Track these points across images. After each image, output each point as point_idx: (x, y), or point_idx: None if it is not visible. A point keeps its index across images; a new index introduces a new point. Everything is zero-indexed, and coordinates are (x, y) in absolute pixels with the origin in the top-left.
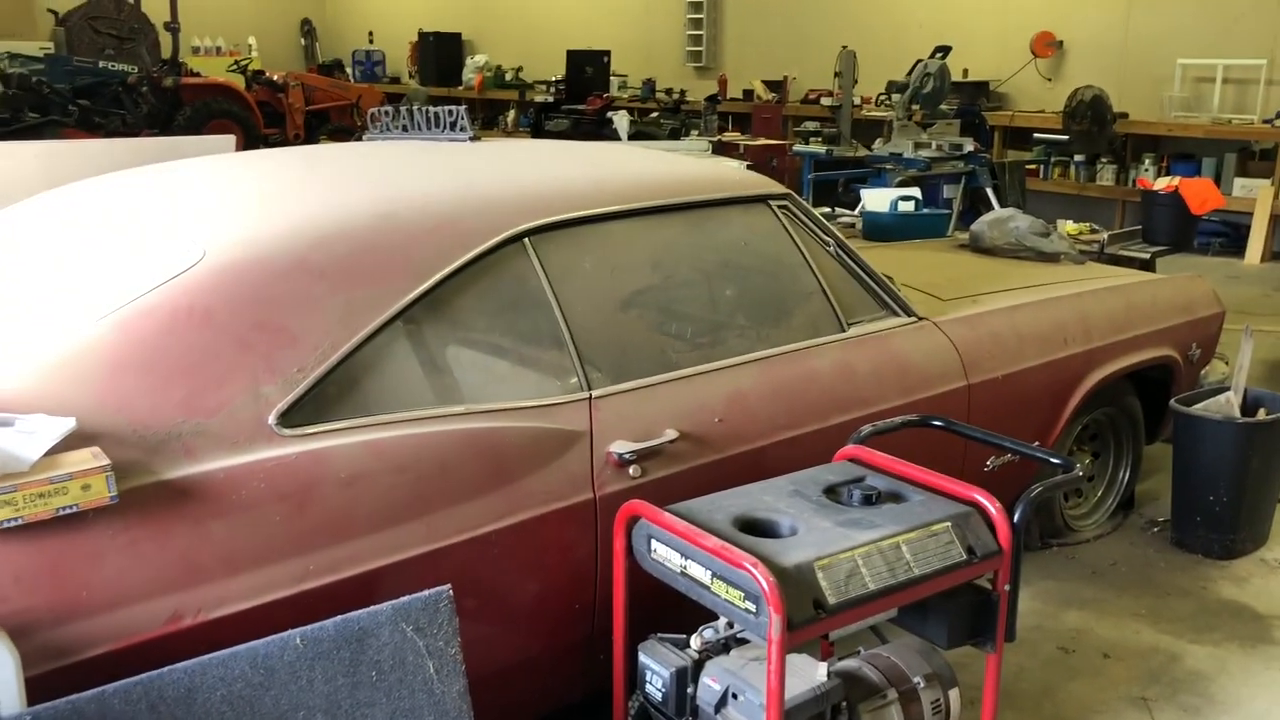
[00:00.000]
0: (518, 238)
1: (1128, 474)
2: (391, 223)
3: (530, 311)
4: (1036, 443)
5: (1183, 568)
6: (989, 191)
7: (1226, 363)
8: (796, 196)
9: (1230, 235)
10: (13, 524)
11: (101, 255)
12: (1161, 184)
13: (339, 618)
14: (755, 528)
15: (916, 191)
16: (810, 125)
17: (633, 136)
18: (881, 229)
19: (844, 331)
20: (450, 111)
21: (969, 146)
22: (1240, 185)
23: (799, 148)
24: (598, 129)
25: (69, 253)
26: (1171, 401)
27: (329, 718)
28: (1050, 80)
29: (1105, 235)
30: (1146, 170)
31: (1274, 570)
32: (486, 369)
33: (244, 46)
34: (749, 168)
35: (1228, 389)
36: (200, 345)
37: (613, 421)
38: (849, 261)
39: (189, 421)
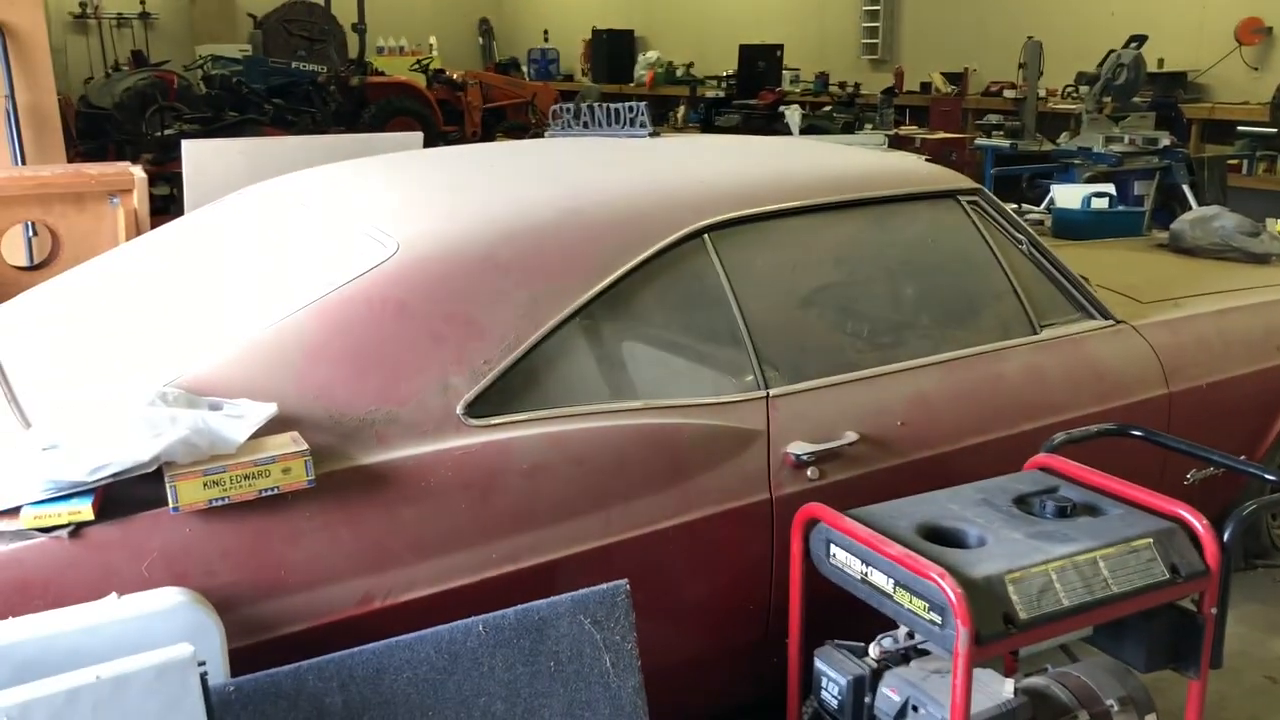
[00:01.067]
0: (698, 233)
1: None
2: (575, 218)
3: (709, 308)
4: (1243, 456)
5: None
6: (1185, 189)
7: None
8: (987, 192)
9: None
10: (220, 503)
11: (302, 247)
12: None
13: (520, 607)
14: (941, 536)
15: (1110, 188)
16: (992, 119)
17: (804, 131)
18: (1072, 226)
19: (1036, 334)
20: (630, 108)
21: (1164, 141)
22: None
23: (981, 141)
24: (768, 124)
25: (273, 244)
26: None
27: (508, 705)
28: (1257, 70)
29: None
30: None
31: None
32: (664, 365)
33: (425, 46)
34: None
35: None
36: (394, 336)
37: (790, 422)
38: (1042, 260)
39: (382, 409)
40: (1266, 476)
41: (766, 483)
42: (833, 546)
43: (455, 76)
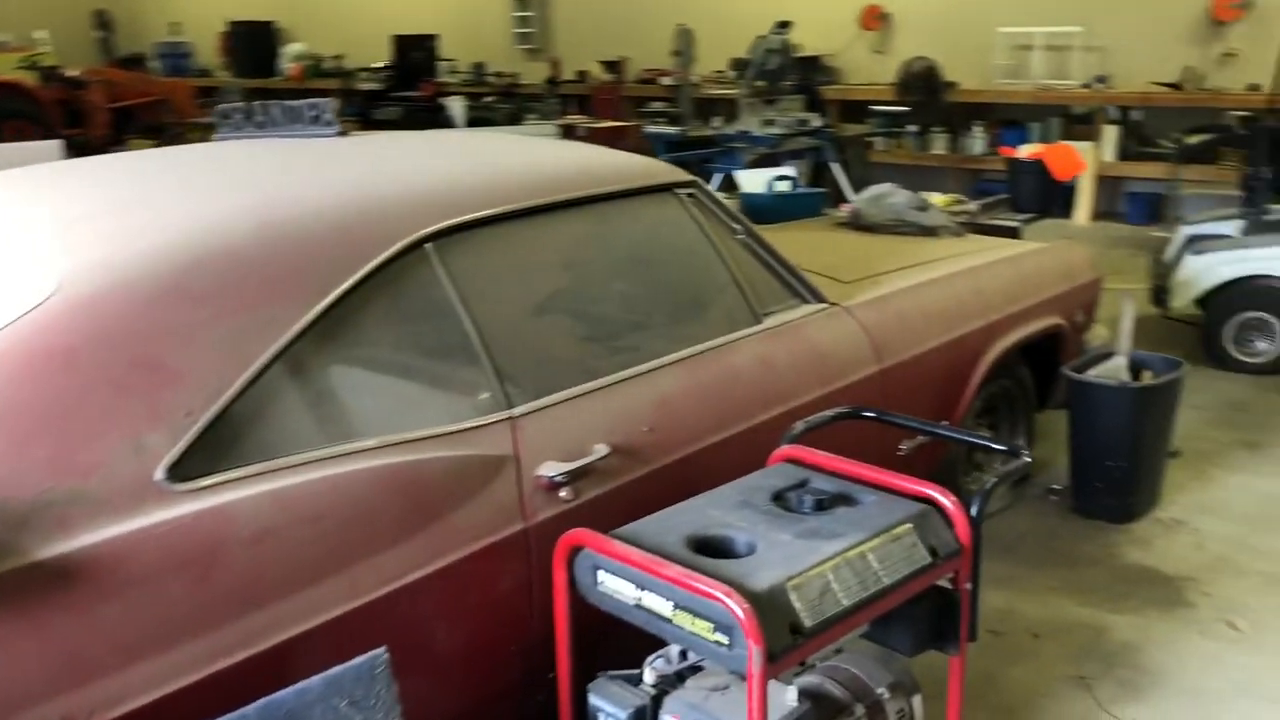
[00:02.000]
0: (419, 244)
1: (1024, 444)
2: (277, 235)
3: (440, 326)
4: (945, 421)
5: (1087, 535)
6: (836, 166)
7: (1106, 327)
8: (702, 184)
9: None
10: None
11: None
12: (1026, 152)
13: (261, 702)
14: (711, 547)
15: (791, 171)
16: (656, 106)
17: (470, 123)
18: (759, 210)
19: (759, 323)
20: (313, 105)
21: (816, 122)
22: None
23: (652, 129)
24: (432, 116)
25: None
26: (1065, 369)
27: None
28: (880, 53)
29: (975, 205)
30: (977, 137)
31: (1171, 529)
32: (398, 395)
33: (32, 41)
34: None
35: (1116, 354)
36: (63, 393)
37: (539, 441)
38: (758, 249)
39: (60, 487)
40: (998, 448)
41: (520, 511)
42: (601, 573)
43: (74, 74)
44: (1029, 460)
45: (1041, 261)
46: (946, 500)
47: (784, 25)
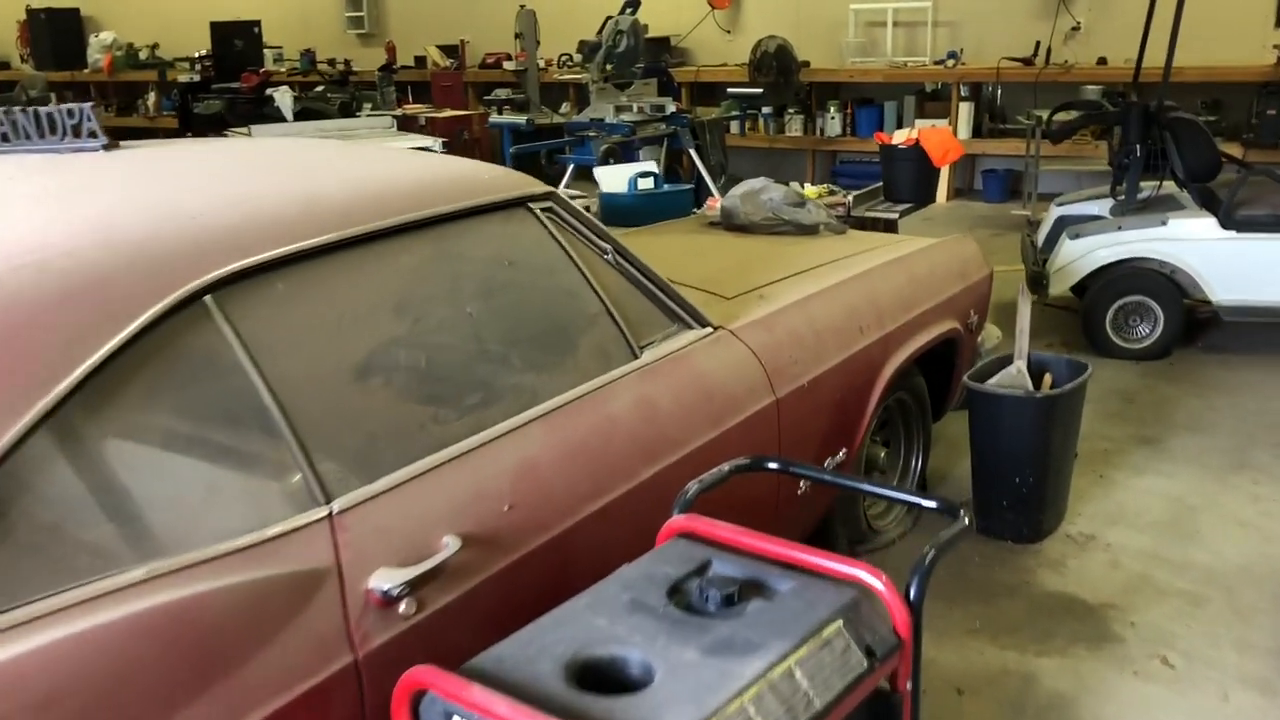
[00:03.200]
0: (195, 297)
1: (920, 460)
2: (7, 293)
3: (228, 401)
4: (843, 452)
5: (998, 559)
6: (692, 153)
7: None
8: (561, 194)
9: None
10: None
11: None
12: (901, 137)
13: None
14: (598, 674)
15: (653, 165)
16: (500, 93)
17: (299, 115)
18: (623, 213)
19: (637, 358)
20: (71, 111)
21: (671, 107)
22: (920, 127)
23: (495, 119)
24: (257, 109)
25: None
26: (965, 379)
27: None
28: (729, 33)
29: (850, 197)
30: (833, 117)
31: (1084, 547)
32: (172, 500)
33: None
34: (445, 146)
35: (1013, 359)
36: None
37: (368, 543)
38: (629, 268)
39: None
40: (929, 505)
41: (346, 640)
42: None
43: None
44: (966, 524)
45: (933, 260)
46: (878, 581)
47: (633, 4)
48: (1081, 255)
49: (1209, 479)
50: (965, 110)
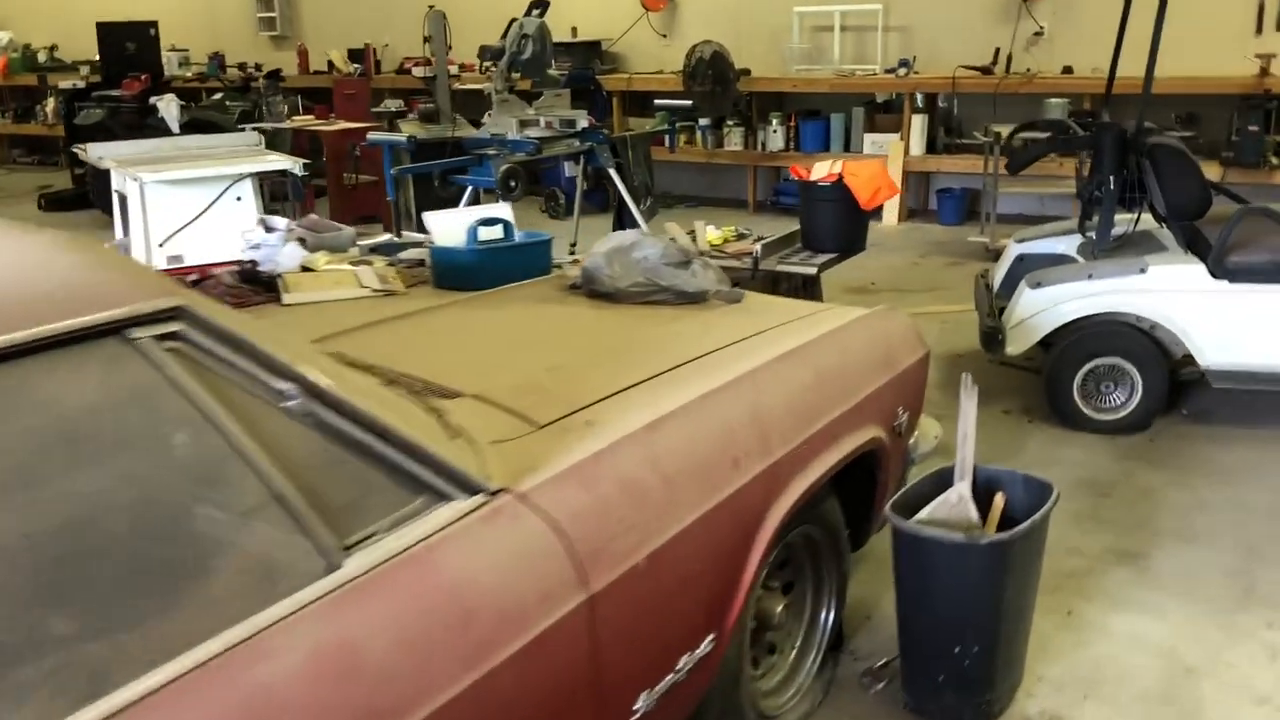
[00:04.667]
0: None
1: (833, 607)
2: None
3: None
4: (709, 640)
5: None
6: (611, 172)
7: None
8: (201, 309)
9: None
10: None
11: None
12: (820, 173)
13: None
14: None
15: (504, 210)
16: (392, 104)
17: (187, 126)
18: (457, 273)
19: (337, 568)
20: None
21: (583, 122)
22: (870, 141)
23: (375, 136)
24: (140, 118)
25: None
26: (887, 511)
27: None
28: (665, 36)
29: (759, 246)
30: (775, 130)
31: None
32: None
33: None
34: (308, 167)
35: (953, 476)
36: None
37: None
38: (334, 419)
39: None
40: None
41: None
42: None
43: None
44: None
45: (851, 344)
46: None
47: (540, 6)
48: (1044, 309)
49: (1209, 620)
50: (919, 123)
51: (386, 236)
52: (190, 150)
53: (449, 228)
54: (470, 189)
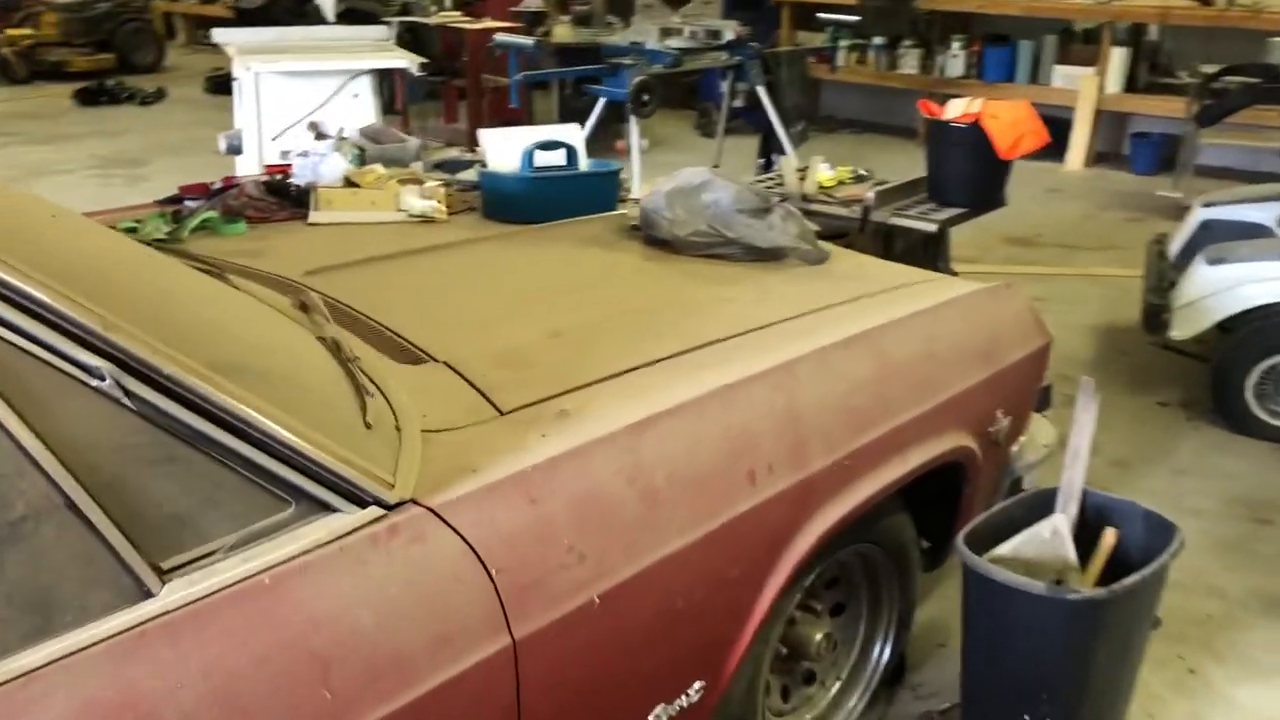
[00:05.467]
0: None
1: (891, 636)
2: None
3: None
4: (698, 688)
5: None
6: (761, 91)
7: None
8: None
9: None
10: None
11: None
12: (955, 111)
13: None
14: None
15: (572, 133)
16: (535, 3)
17: (344, 16)
18: (504, 202)
19: (149, 596)
20: None
21: (730, 33)
22: (1061, 74)
23: (500, 38)
24: (300, 4)
25: None
26: (958, 543)
27: None
28: None
29: (872, 193)
30: (955, 55)
31: None
32: None
33: None
34: (425, 62)
35: (1055, 502)
36: None
37: None
38: (194, 398)
39: None
40: None
41: None
42: None
43: None
44: None
45: (941, 329)
46: None
47: None
48: (1222, 289)
49: None
50: (1119, 57)
51: (455, 152)
52: (313, 42)
53: (506, 149)
54: (602, 101)
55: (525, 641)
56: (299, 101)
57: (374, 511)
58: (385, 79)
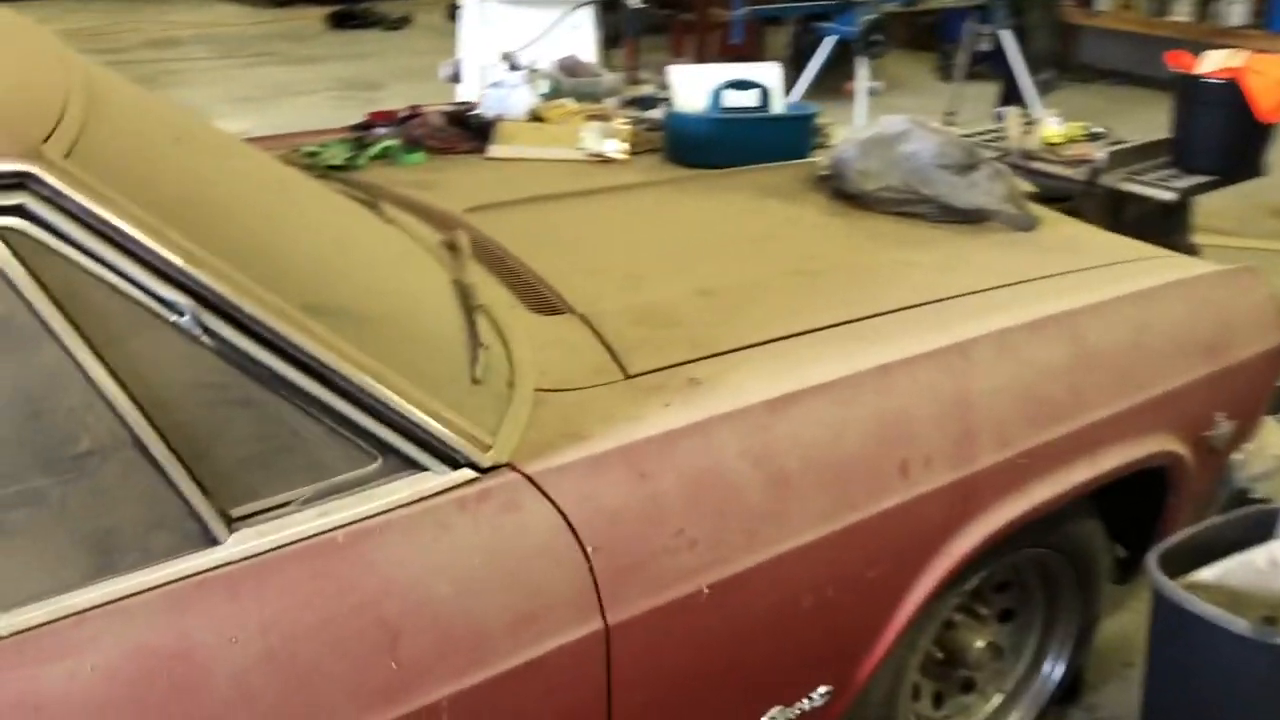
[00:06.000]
0: None
1: (1067, 651)
2: None
3: None
4: (822, 692)
5: None
6: (1003, 34)
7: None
8: (60, 179)
9: None
10: None
11: None
12: (1212, 64)
13: None
14: None
15: (767, 72)
16: None
17: None
18: (688, 144)
19: (214, 544)
20: None
21: None
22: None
23: None
24: None
25: None
26: (1149, 563)
27: None
28: None
29: (1104, 153)
30: (1236, 2)
31: None
32: None
33: None
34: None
35: (1276, 524)
36: None
37: None
38: (279, 341)
39: None
40: None
41: None
42: None
43: None
44: None
45: (1156, 316)
46: None
47: None
48: None
49: None
50: None
51: (650, 89)
52: None
53: (691, 88)
54: (831, 41)
55: (620, 627)
56: (519, 31)
57: (465, 474)
58: (608, 11)
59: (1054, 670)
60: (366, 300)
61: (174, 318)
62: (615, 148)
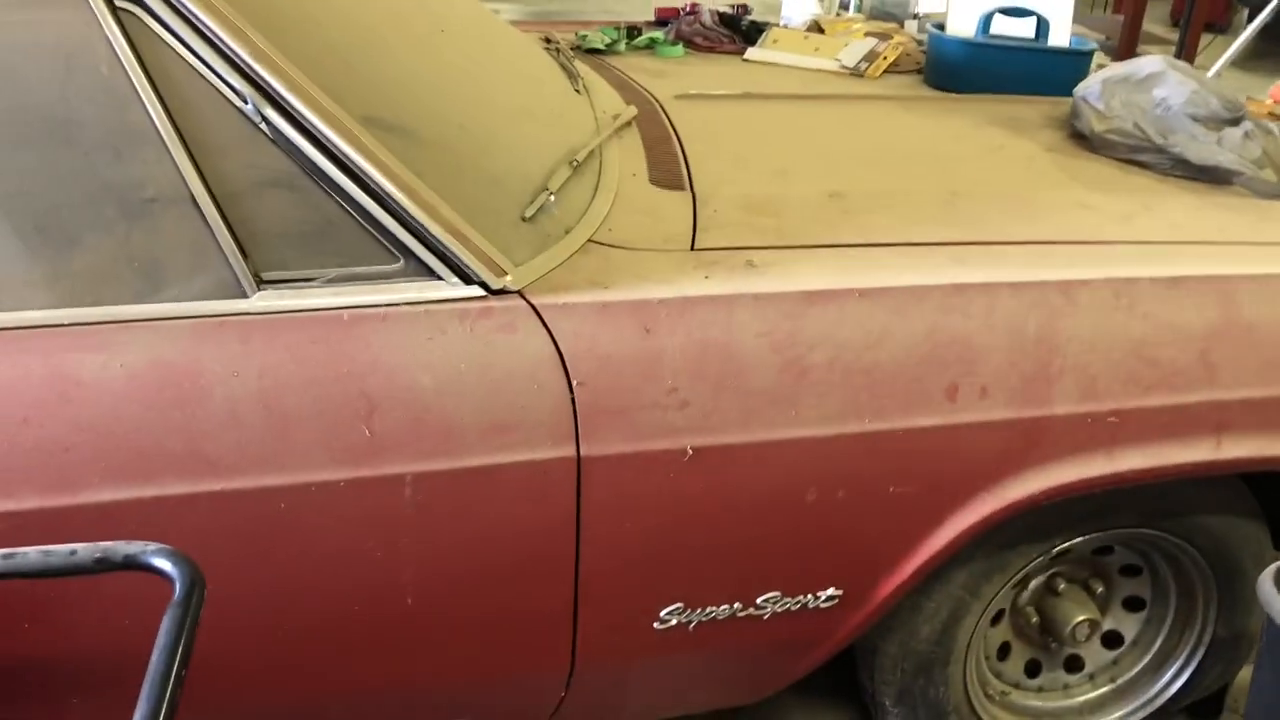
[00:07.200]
0: None
1: (1194, 662)
2: None
3: None
4: (830, 593)
5: None
6: None
7: None
8: None
9: None
10: None
11: None
12: None
13: None
14: None
15: (1055, 3)
16: None
17: None
18: (944, 68)
19: (241, 296)
20: None
21: None
22: None
23: None
24: None
25: None
26: (1262, 577)
27: None
28: None
29: None
30: None
31: None
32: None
33: None
34: None
35: None
36: None
37: None
38: (299, 140)
39: None
40: None
41: None
42: None
43: None
44: None
45: None
46: None
47: None
48: None
49: None
50: None
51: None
52: None
53: (963, 12)
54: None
55: (594, 460)
56: None
57: (475, 290)
58: None
59: (1175, 678)
60: (439, 129)
61: (239, 104)
62: (868, 65)
